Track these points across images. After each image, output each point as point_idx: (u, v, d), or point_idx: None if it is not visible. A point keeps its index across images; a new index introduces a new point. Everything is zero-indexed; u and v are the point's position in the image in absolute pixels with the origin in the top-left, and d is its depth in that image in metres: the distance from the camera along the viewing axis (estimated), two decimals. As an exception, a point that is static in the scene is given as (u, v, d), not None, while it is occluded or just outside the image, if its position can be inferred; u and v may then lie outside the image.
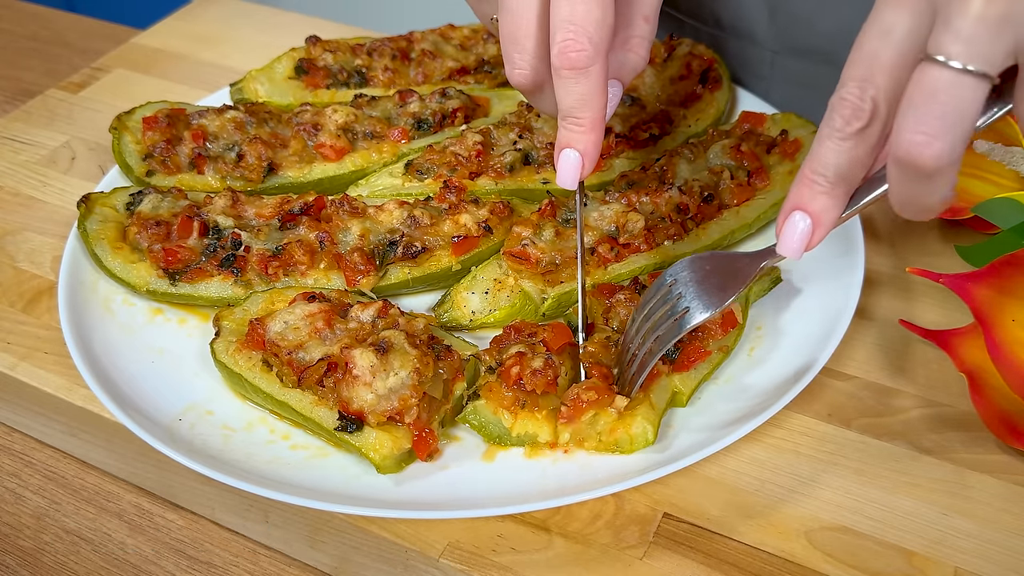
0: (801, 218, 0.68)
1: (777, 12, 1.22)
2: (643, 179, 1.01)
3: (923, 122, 0.60)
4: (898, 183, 0.64)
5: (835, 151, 0.66)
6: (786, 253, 0.70)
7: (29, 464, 0.91)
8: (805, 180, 0.68)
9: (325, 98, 1.16)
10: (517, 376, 0.80)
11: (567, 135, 0.77)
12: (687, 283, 0.77)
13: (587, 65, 0.73)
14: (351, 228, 0.95)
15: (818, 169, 0.67)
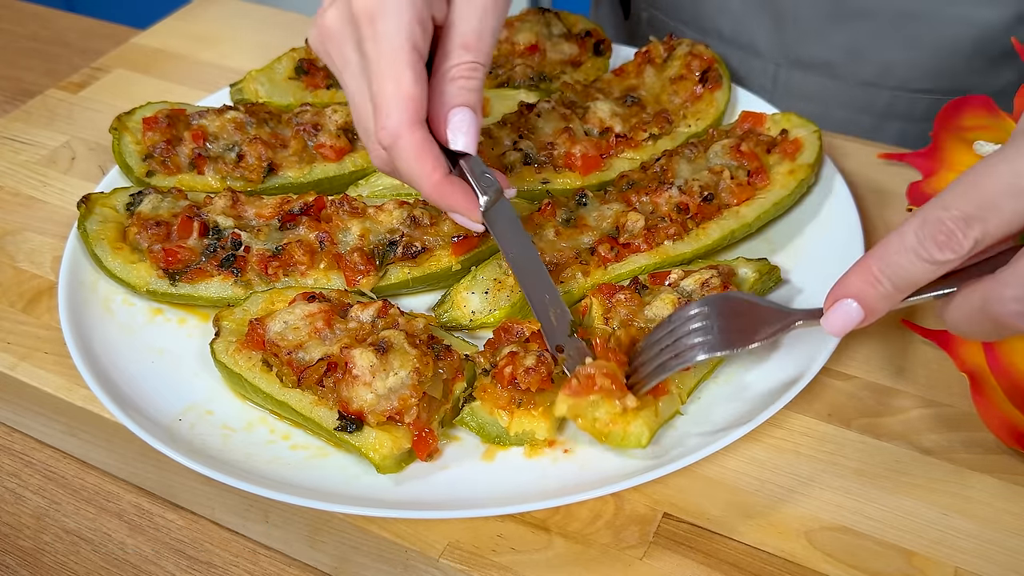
0: (856, 310, 0.68)
1: (782, 24, 1.22)
2: (643, 179, 1.01)
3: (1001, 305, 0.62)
4: (970, 323, 0.65)
5: (913, 268, 0.65)
6: (831, 332, 0.70)
7: (29, 464, 0.91)
8: (870, 277, 0.66)
9: (325, 98, 1.16)
10: (511, 376, 0.81)
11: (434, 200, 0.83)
12: (716, 316, 0.77)
13: (391, 143, 0.78)
14: (351, 228, 0.95)
15: (888, 274, 0.66)
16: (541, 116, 1.07)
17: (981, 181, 0.63)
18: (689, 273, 0.90)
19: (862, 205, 1.05)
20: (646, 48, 1.17)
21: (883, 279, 0.66)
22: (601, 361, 0.79)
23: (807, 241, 1.00)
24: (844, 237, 0.97)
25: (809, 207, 1.03)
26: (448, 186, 0.81)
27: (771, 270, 0.94)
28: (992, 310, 0.63)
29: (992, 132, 0.97)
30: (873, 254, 0.66)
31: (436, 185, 0.81)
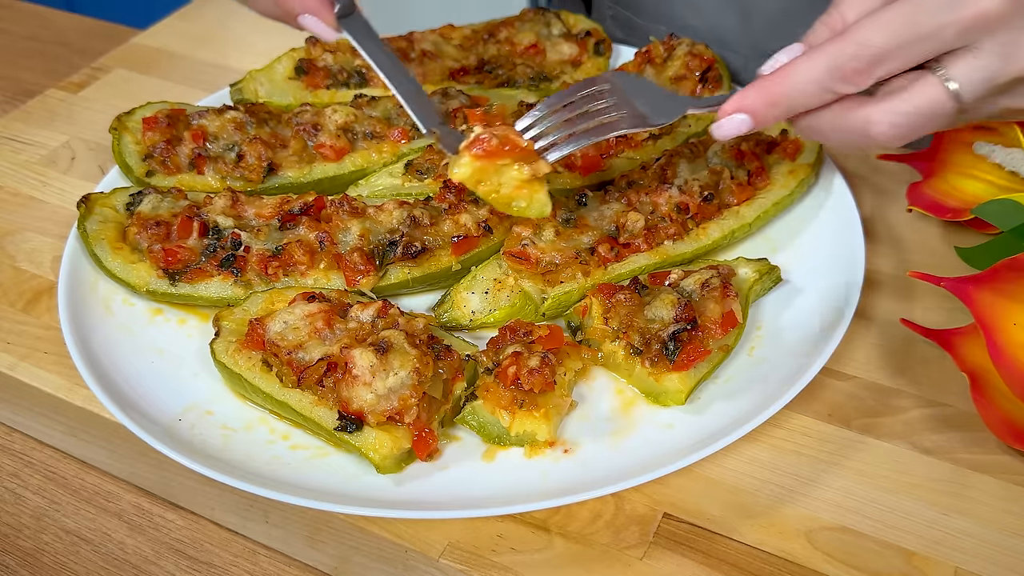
0: (747, 122, 0.76)
1: (750, 16, 1.23)
2: (643, 179, 1.01)
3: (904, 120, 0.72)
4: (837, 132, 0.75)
5: (812, 97, 0.73)
6: (718, 137, 0.77)
7: (29, 464, 0.91)
8: (770, 99, 0.74)
9: (325, 98, 1.16)
10: (514, 376, 0.81)
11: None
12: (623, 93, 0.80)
13: None
14: (351, 228, 0.95)
15: (788, 100, 0.73)
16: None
17: (897, 21, 0.70)
18: (689, 273, 0.90)
19: (862, 205, 1.05)
20: (646, 48, 1.17)
21: (782, 103, 0.73)
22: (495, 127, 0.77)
23: (807, 241, 1.00)
24: (844, 237, 0.97)
25: (809, 207, 1.03)
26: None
27: (771, 270, 0.94)
28: (870, 130, 0.72)
29: (992, 132, 0.97)
30: (779, 78, 0.73)
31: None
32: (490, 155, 0.74)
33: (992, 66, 0.71)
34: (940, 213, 0.98)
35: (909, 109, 0.72)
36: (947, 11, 0.70)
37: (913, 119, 0.72)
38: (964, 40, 0.71)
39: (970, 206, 0.94)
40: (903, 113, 0.72)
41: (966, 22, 0.70)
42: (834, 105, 0.75)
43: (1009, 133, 0.95)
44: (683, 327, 0.84)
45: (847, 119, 0.74)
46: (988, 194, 0.96)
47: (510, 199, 0.75)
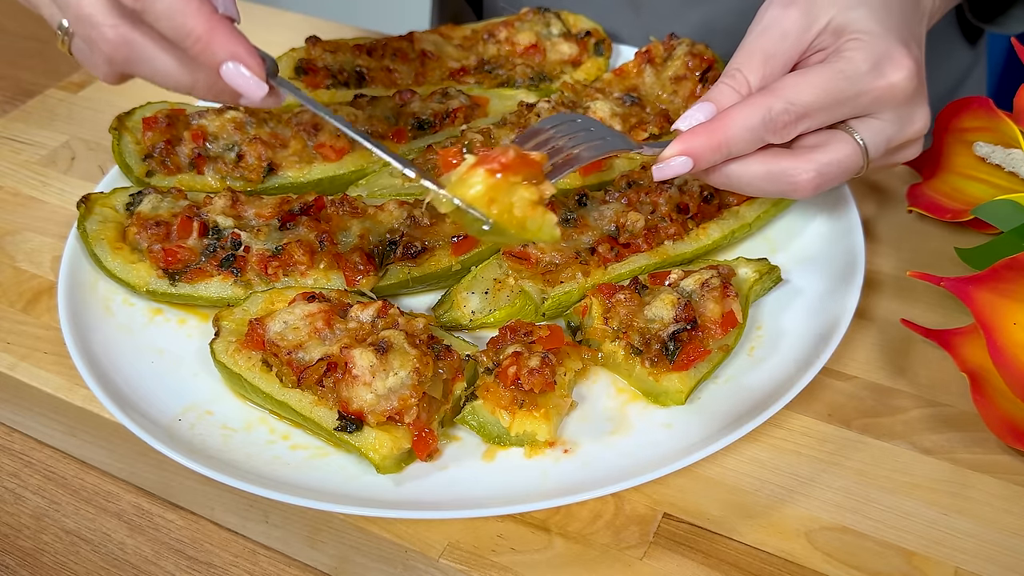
0: (689, 164, 0.80)
1: (641, 10, 1.30)
2: (643, 179, 1.01)
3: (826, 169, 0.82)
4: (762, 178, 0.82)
5: (747, 144, 0.80)
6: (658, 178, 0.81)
7: (29, 464, 0.91)
8: (715, 144, 0.79)
9: (325, 98, 1.16)
10: (514, 376, 0.81)
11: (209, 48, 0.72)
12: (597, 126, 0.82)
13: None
14: (351, 228, 0.95)
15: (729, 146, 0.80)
16: (541, 116, 1.07)
17: (823, 85, 0.80)
18: (689, 273, 0.90)
19: (862, 205, 1.05)
20: (646, 48, 1.17)
21: (723, 148, 0.79)
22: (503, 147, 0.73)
23: (807, 241, 1.00)
24: (844, 237, 0.97)
25: (809, 207, 1.03)
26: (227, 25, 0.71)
27: (771, 270, 0.94)
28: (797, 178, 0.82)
29: (991, 133, 0.97)
30: (723, 126, 0.79)
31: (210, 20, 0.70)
32: (505, 169, 0.71)
33: (891, 130, 0.84)
34: (940, 214, 0.98)
35: (831, 160, 0.82)
36: (866, 80, 0.81)
37: (833, 169, 0.83)
38: (873, 108, 0.83)
39: (970, 207, 0.94)
40: (826, 164, 0.82)
41: (879, 91, 0.81)
42: (760, 154, 0.82)
43: (1008, 133, 0.95)
44: (683, 327, 0.84)
45: (774, 167, 0.82)
46: (988, 195, 0.96)
47: (523, 220, 0.72)
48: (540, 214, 0.73)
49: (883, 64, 0.81)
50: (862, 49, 0.81)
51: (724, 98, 0.83)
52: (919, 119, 0.86)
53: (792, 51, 0.84)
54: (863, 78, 0.81)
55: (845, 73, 0.80)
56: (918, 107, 0.85)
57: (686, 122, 0.82)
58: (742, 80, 0.83)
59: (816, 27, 0.83)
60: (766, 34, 0.84)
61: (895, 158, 0.90)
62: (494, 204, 0.71)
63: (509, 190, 0.71)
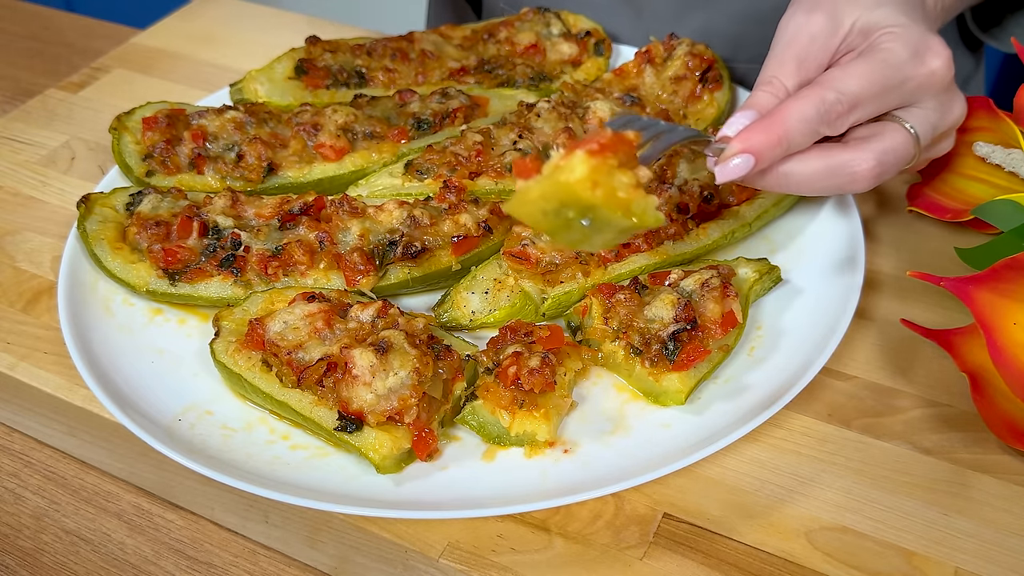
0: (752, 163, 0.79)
1: (642, 13, 1.30)
2: (643, 179, 1.01)
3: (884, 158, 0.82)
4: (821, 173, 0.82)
5: (804, 137, 0.79)
6: (723, 179, 0.80)
7: (29, 464, 0.91)
8: (774, 139, 0.78)
9: (325, 98, 1.16)
10: (514, 376, 0.81)
11: None
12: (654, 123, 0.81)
13: None
14: (351, 228, 0.95)
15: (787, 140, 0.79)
16: (541, 116, 1.07)
17: (869, 75, 0.80)
18: (689, 273, 0.90)
19: (862, 205, 1.05)
20: (646, 48, 1.17)
21: (783, 143, 0.79)
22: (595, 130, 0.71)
23: (807, 241, 1.00)
24: (844, 237, 0.97)
25: (809, 207, 1.03)
26: None
27: (771, 270, 0.94)
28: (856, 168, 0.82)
29: (992, 133, 0.97)
30: (780, 120, 0.78)
31: None
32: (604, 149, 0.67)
33: (935, 117, 0.85)
34: (940, 213, 0.98)
35: (887, 148, 0.82)
36: (908, 67, 0.81)
37: (891, 157, 0.83)
38: (916, 96, 0.83)
39: (970, 207, 0.94)
40: (883, 152, 0.82)
41: (921, 78, 0.82)
42: (815, 149, 0.82)
43: (1008, 133, 0.95)
44: (683, 327, 0.84)
45: (833, 160, 0.82)
46: (988, 195, 0.96)
47: (628, 203, 0.68)
48: (642, 196, 0.69)
49: (922, 52, 0.82)
50: (898, 39, 0.82)
51: (764, 104, 0.82)
52: (957, 107, 0.87)
53: (822, 54, 0.84)
54: (905, 65, 0.81)
55: (888, 62, 0.81)
56: (956, 95, 0.86)
57: (733, 128, 0.81)
58: (779, 85, 0.83)
59: (843, 29, 0.84)
60: (795, 40, 0.84)
61: (936, 149, 0.90)
62: (598, 187, 0.66)
63: (609, 172, 0.67)
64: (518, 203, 0.68)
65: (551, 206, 0.67)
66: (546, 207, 0.67)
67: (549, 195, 0.67)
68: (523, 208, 0.68)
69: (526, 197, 0.67)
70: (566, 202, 0.67)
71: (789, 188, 0.83)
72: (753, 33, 1.27)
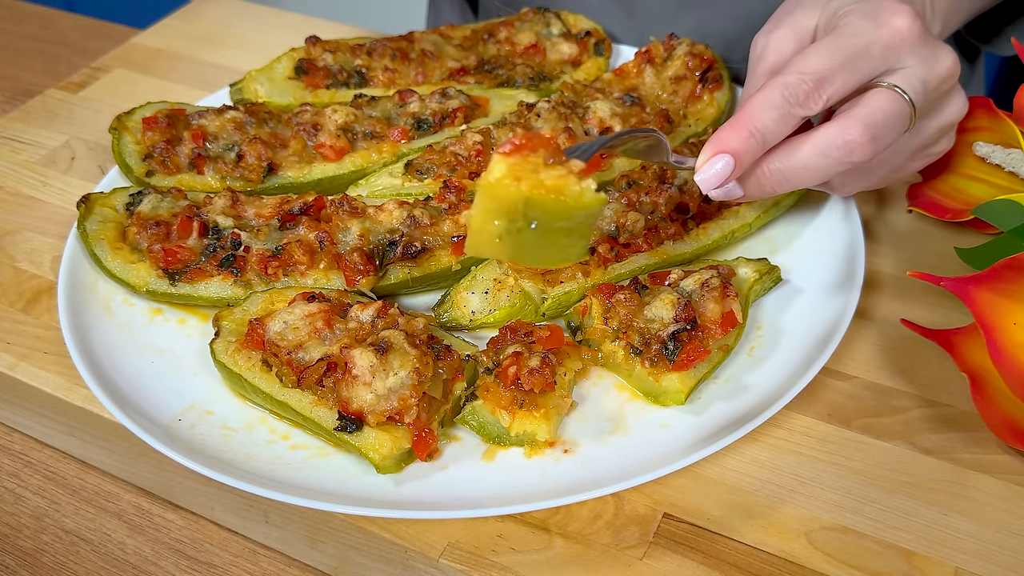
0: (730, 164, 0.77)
1: (634, 13, 1.30)
2: (643, 178, 1.01)
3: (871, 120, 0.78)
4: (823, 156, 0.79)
5: (778, 123, 0.78)
6: (705, 188, 0.79)
7: (29, 464, 0.91)
8: (745, 134, 0.77)
9: (325, 98, 1.16)
10: (514, 376, 0.81)
11: None
12: None
13: None
14: (351, 228, 0.95)
15: (760, 130, 0.77)
16: (541, 116, 1.07)
17: (829, 50, 0.79)
18: (689, 273, 0.90)
19: (862, 205, 1.05)
20: (646, 48, 1.17)
21: (757, 132, 0.77)
22: None
23: (807, 241, 1.00)
24: (844, 237, 0.98)
25: (809, 207, 1.03)
26: None
27: (771, 270, 0.94)
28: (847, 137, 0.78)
29: (992, 133, 0.97)
30: (745, 114, 0.77)
31: None
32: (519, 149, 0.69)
33: (921, 71, 0.81)
34: (940, 213, 0.98)
35: (871, 110, 0.79)
36: (868, 31, 0.80)
37: (879, 117, 0.79)
38: (890, 57, 0.80)
39: (970, 207, 0.94)
40: (867, 114, 0.79)
41: (886, 37, 0.80)
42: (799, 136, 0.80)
43: (1008, 133, 0.95)
44: (683, 327, 0.84)
45: (819, 138, 0.79)
46: (988, 194, 0.96)
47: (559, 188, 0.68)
48: (573, 181, 0.69)
49: (879, 13, 0.81)
50: (854, 12, 0.82)
51: None
52: (944, 57, 0.83)
53: None
54: (864, 30, 0.80)
55: (845, 32, 0.80)
56: (937, 47, 0.83)
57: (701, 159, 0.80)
58: None
59: (808, 33, 0.85)
60: (764, 58, 0.86)
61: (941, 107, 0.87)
62: (521, 181, 0.67)
63: (532, 169, 0.68)
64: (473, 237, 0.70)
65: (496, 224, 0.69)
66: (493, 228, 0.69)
67: (487, 209, 0.68)
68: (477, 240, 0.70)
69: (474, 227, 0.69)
70: (503, 210, 0.68)
71: (791, 184, 0.82)
72: (747, 34, 1.27)
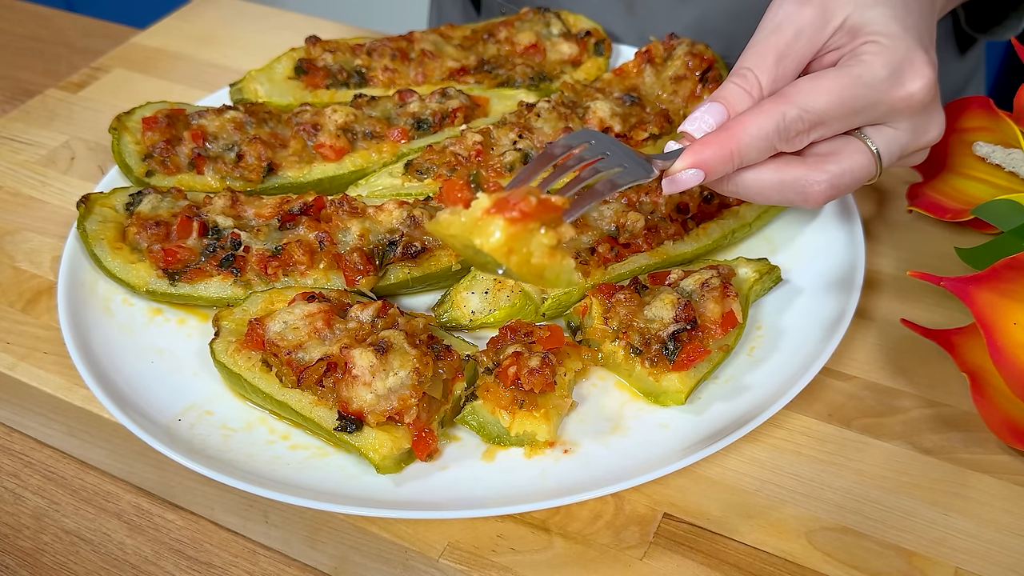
0: (700, 177, 0.77)
1: (633, 9, 1.29)
2: (643, 179, 1.01)
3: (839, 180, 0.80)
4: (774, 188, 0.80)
5: (760, 153, 0.78)
6: (668, 191, 0.79)
7: (29, 464, 0.91)
8: (726, 154, 0.77)
9: (325, 98, 1.16)
10: (514, 376, 0.80)
11: None
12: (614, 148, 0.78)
13: None
14: (351, 228, 0.94)
15: (741, 155, 0.77)
16: (541, 116, 1.07)
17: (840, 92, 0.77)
18: (689, 273, 0.90)
19: (862, 205, 1.05)
20: (646, 48, 1.17)
21: (735, 158, 0.77)
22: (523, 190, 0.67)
23: (807, 241, 1.00)
24: (844, 237, 0.97)
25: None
26: None
27: (771, 270, 0.94)
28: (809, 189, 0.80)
29: (992, 133, 0.97)
30: (734, 135, 0.77)
31: None
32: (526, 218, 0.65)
33: (905, 139, 0.82)
34: (940, 213, 0.98)
35: (844, 170, 0.80)
36: (884, 87, 0.78)
37: (847, 179, 0.80)
38: (889, 118, 0.80)
39: (970, 207, 0.94)
40: (839, 174, 0.80)
41: (896, 101, 0.79)
42: (771, 162, 0.80)
43: (1008, 133, 0.95)
44: (683, 327, 0.84)
45: (787, 175, 0.80)
46: (988, 195, 0.96)
47: (541, 269, 0.67)
48: (558, 261, 0.68)
49: (903, 71, 0.78)
50: (881, 54, 0.78)
51: (734, 98, 0.80)
52: (934, 128, 0.83)
53: (806, 51, 0.80)
54: (881, 85, 0.78)
55: (863, 79, 0.77)
56: (933, 115, 0.83)
57: (694, 125, 0.79)
58: (753, 81, 0.80)
59: (831, 26, 0.80)
60: (779, 32, 0.80)
61: (905, 162, 0.88)
62: (513, 254, 0.66)
63: (528, 238, 0.66)
64: (439, 227, 0.69)
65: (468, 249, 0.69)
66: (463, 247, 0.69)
67: (466, 243, 0.67)
68: (442, 234, 0.69)
69: (446, 229, 0.68)
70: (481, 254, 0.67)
71: (739, 195, 0.82)
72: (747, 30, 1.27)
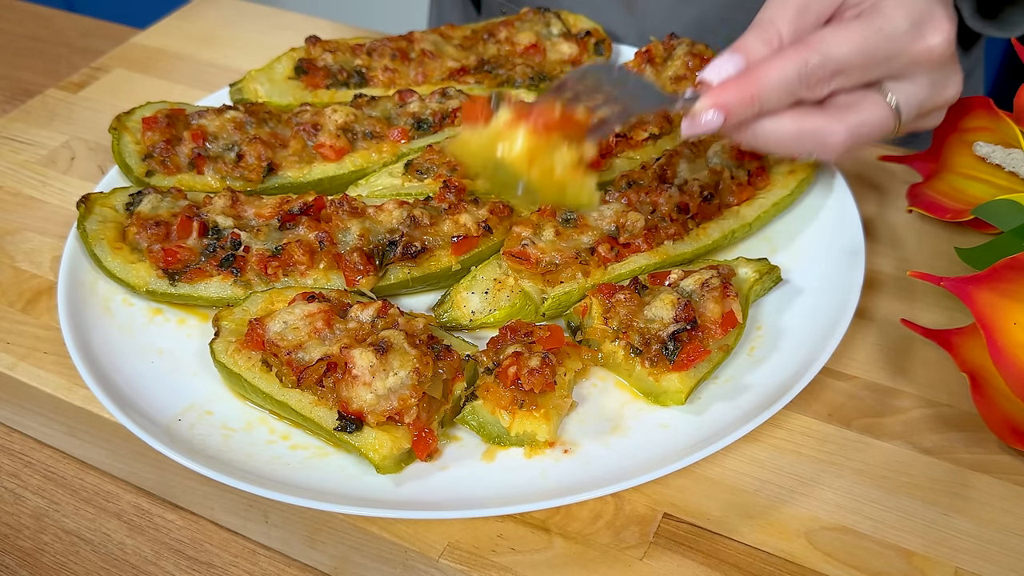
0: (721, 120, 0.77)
1: (633, 7, 1.30)
2: (643, 178, 1.01)
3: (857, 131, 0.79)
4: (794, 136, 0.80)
5: (781, 99, 0.77)
6: (688, 132, 0.79)
7: (28, 464, 0.91)
8: (747, 98, 0.76)
9: (325, 98, 1.16)
10: (514, 376, 0.80)
11: None
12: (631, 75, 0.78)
13: None
14: (351, 228, 0.94)
15: (762, 100, 0.77)
16: (541, 116, 1.07)
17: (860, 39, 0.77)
18: (689, 273, 0.90)
19: (862, 205, 1.05)
20: (646, 48, 1.17)
21: (756, 102, 0.77)
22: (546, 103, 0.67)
23: (807, 241, 1.00)
24: (844, 237, 0.97)
25: (809, 207, 1.03)
26: None
27: (771, 270, 0.94)
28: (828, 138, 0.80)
29: (992, 133, 0.97)
30: (755, 78, 0.76)
31: None
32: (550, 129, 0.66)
33: (924, 94, 0.82)
34: (940, 213, 0.98)
35: (863, 121, 0.80)
36: (905, 40, 0.78)
37: (865, 131, 0.81)
38: (909, 70, 0.81)
39: (970, 207, 0.94)
40: (857, 125, 0.80)
41: (916, 53, 0.79)
42: (790, 111, 0.80)
43: (1008, 133, 0.95)
44: (683, 327, 0.84)
45: (806, 125, 0.80)
46: (988, 194, 0.96)
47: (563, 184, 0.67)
48: (580, 177, 0.68)
49: (924, 24, 0.79)
50: (902, 6, 0.79)
51: (753, 49, 0.80)
52: (952, 85, 0.84)
53: (827, 5, 0.81)
54: (902, 37, 0.79)
55: (884, 31, 0.78)
56: (952, 72, 0.83)
57: (714, 72, 0.79)
58: (774, 32, 0.80)
59: None
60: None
61: (923, 123, 0.88)
62: (535, 165, 0.66)
63: (551, 150, 0.66)
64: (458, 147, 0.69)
65: (488, 164, 0.68)
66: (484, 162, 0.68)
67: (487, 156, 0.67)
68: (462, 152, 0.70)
69: (466, 147, 0.69)
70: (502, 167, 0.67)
71: (757, 145, 0.82)
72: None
